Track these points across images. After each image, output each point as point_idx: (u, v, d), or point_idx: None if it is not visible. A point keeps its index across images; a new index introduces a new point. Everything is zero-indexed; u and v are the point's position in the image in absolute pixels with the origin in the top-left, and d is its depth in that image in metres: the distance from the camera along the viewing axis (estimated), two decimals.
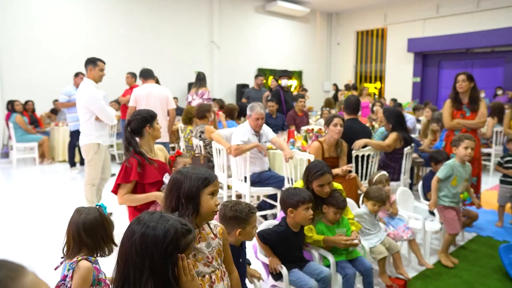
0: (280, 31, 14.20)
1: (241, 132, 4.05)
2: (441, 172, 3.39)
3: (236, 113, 5.97)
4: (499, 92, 10.60)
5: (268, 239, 2.49)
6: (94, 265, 1.75)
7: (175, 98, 10.53)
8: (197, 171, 1.65)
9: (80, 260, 1.71)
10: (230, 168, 4.37)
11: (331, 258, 2.60)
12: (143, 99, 5.10)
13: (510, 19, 11.12)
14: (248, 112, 4.16)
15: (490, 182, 6.32)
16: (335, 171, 3.63)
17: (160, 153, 3.01)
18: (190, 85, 11.33)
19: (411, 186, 5.13)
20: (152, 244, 1.20)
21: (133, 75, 7.02)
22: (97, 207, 1.93)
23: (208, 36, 12.21)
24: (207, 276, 1.64)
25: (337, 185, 2.80)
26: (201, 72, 6.50)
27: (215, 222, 1.79)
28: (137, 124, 2.83)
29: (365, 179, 4.08)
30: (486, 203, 5.11)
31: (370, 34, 15.43)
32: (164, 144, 4.39)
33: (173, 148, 7.40)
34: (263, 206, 4.38)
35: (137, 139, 2.85)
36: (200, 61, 12.01)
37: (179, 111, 7.82)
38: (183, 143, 5.57)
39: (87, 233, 1.78)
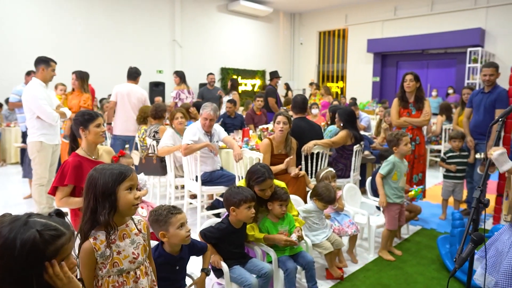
0: (243, 30, 14.24)
1: (192, 131, 4.06)
2: (383, 168, 3.52)
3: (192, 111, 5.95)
4: (450, 91, 11.09)
5: (210, 236, 2.51)
6: None
7: None
8: (112, 167, 1.63)
9: None
10: (182, 167, 4.36)
11: (273, 254, 2.65)
12: (124, 96, 5.54)
13: (461, 22, 11.66)
14: (200, 111, 4.18)
15: (439, 177, 6.61)
16: (280, 166, 3.72)
17: (105, 155, 2.97)
18: (152, 85, 11.23)
19: (363, 183, 5.28)
20: (9, 258, 1.11)
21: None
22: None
23: (170, 35, 12.08)
24: (131, 272, 1.65)
25: (279, 183, 2.86)
26: (180, 70, 6.99)
27: (139, 217, 1.79)
28: (74, 125, 2.79)
29: (315, 176, 4.18)
30: (434, 197, 5.36)
31: (332, 35, 15.75)
32: None
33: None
34: (216, 205, 4.40)
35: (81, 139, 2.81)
36: (162, 60, 11.87)
37: None
38: (138, 143, 5.49)
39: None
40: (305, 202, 3.45)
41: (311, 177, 4.20)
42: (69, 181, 2.60)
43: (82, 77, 5.24)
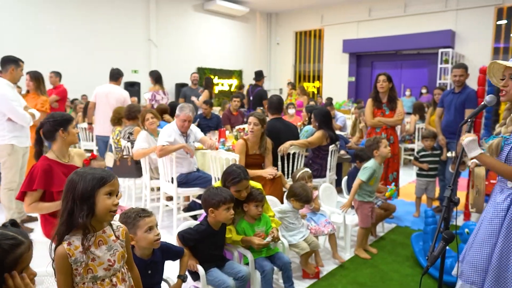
0: (220, 30, 14.18)
1: (167, 132, 4.00)
2: (364, 175, 3.52)
3: (168, 113, 5.88)
4: (424, 91, 11.36)
5: (188, 239, 2.48)
6: None
7: None
8: (93, 171, 1.60)
9: None
10: (158, 169, 4.30)
11: (249, 256, 2.64)
12: (103, 97, 5.63)
13: (433, 24, 11.96)
14: (177, 112, 4.12)
15: (413, 175, 6.74)
16: (261, 173, 3.72)
17: (77, 158, 2.90)
18: (127, 85, 11.02)
19: (339, 182, 5.33)
20: None
21: (57, 74, 6.63)
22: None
23: (145, 34, 11.90)
24: (107, 279, 1.61)
25: (255, 184, 2.85)
26: (156, 70, 6.92)
27: (118, 223, 1.75)
28: (49, 128, 2.70)
29: (292, 176, 4.20)
30: (408, 195, 5.46)
31: (308, 35, 15.87)
32: None
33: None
34: (193, 206, 4.36)
35: (50, 143, 2.73)
36: (137, 60, 11.68)
37: None
38: (113, 144, 5.38)
39: None
40: (282, 202, 3.45)
41: (288, 178, 4.21)
42: (38, 186, 2.52)
43: (37, 78, 4.83)
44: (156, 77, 6.87)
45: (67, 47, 9.97)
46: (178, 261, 2.31)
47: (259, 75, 7.89)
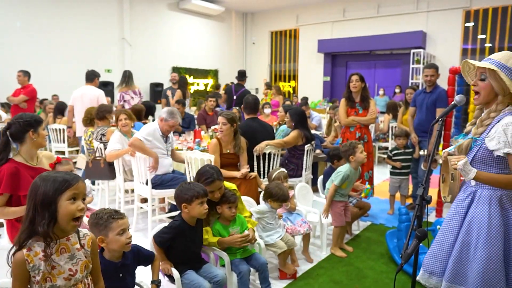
0: (195, 29, 14.05)
1: (149, 130, 3.96)
2: (337, 179, 3.55)
3: (143, 114, 5.77)
4: (397, 90, 11.61)
5: (164, 239, 2.43)
6: None
7: None
8: (56, 174, 1.52)
9: None
10: (132, 171, 4.22)
11: (225, 258, 2.61)
12: (77, 100, 5.74)
13: (405, 25, 12.22)
14: (165, 115, 4.00)
15: (387, 173, 6.84)
16: (235, 174, 3.71)
17: (45, 161, 2.79)
18: (100, 84, 10.69)
19: (315, 181, 5.37)
20: None
21: (25, 73, 6.41)
22: None
23: (119, 33, 11.66)
24: None
25: (229, 185, 2.83)
26: (127, 70, 6.83)
27: (85, 231, 1.68)
28: (19, 129, 2.59)
29: (267, 176, 4.19)
30: (382, 193, 5.55)
31: (283, 35, 15.95)
32: None
33: (77, 152, 6.94)
34: (173, 209, 4.30)
35: (18, 145, 2.61)
36: (110, 59, 11.43)
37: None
38: (85, 146, 5.24)
39: None
40: (258, 203, 3.44)
41: (263, 178, 4.21)
42: (4, 190, 2.42)
43: None
44: (124, 77, 6.70)
45: (36, 45, 9.65)
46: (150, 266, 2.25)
47: (242, 75, 7.83)
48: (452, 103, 2.14)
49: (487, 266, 1.94)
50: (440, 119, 2.13)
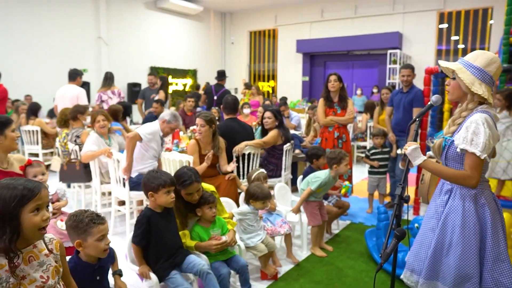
0: (173, 29, 13.90)
1: (151, 129, 3.91)
2: (314, 184, 3.55)
3: (120, 114, 5.64)
4: (375, 90, 11.78)
5: (139, 235, 2.39)
6: None
7: None
8: (15, 184, 1.41)
9: None
10: (108, 173, 4.12)
11: (205, 262, 2.58)
12: (59, 99, 5.81)
13: (382, 26, 12.42)
14: (168, 117, 3.95)
15: (365, 172, 6.93)
16: (205, 166, 3.71)
17: (16, 164, 2.69)
18: None
19: (294, 181, 5.38)
20: None
21: None
22: None
23: (95, 32, 11.41)
24: None
25: (208, 187, 2.79)
26: (109, 71, 6.92)
27: (50, 235, 1.61)
28: None
29: (247, 177, 4.17)
30: (361, 192, 5.61)
31: (262, 34, 15.96)
32: None
33: (51, 154, 6.75)
34: None
35: None
36: (86, 59, 11.16)
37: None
38: (60, 148, 5.10)
39: None
40: (237, 204, 3.41)
41: (243, 178, 4.18)
42: None
43: None
44: (104, 78, 6.80)
45: (10, 45, 9.32)
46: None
47: (221, 75, 7.76)
48: (429, 103, 2.17)
49: (461, 262, 1.99)
50: (417, 119, 2.16)
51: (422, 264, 2.13)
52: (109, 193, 4.49)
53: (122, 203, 4.33)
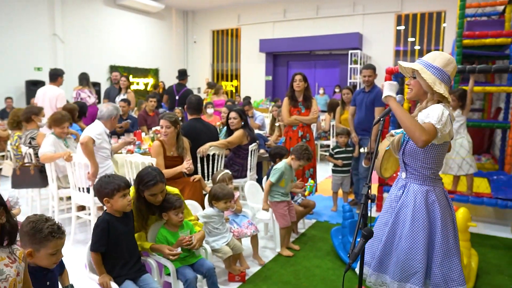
0: (134, 26, 13.54)
1: (98, 131, 3.76)
2: (273, 176, 3.58)
3: (76, 114, 5.38)
4: (337, 90, 11.99)
5: (98, 242, 2.28)
6: None
7: (9, 98, 9.15)
8: None
9: None
10: (67, 178, 3.93)
11: (170, 266, 2.50)
12: (39, 100, 5.77)
13: (343, 27, 12.68)
14: (116, 112, 3.92)
15: (329, 171, 7.04)
16: (178, 168, 3.61)
17: None
18: (29, 84, 10.01)
19: (260, 181, 5.36)
20: None
21: None
22: None
23: (50, 28, 10.90)
24: None
25: (172, 190, 2.71)
26: (84, 72, 6.93)
27: (15, 246, 1.50)
28: None
29: (212, 179, 4.11)
30: (325, 191, 5.68)
31: (225, 34, 15.87)
32: None
33: (3, 157, 6.37)
34: None
35: None
36: (40, 57, 10.66)
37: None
38: (12, 151, 4.80)
39: None
40: (203, 206, 3.35)
41: (208, 180, 4.12)
42: None
43: None
44: (80, 78, 6.82)
45: None
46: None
47: (183, 74, 7.58)
48: None
49: (408, 256, 2.06)
50: (381, 119, 2.18)
51: (373, 256, 2.20)
52: (68, 198, 4.28)
53: (81, 208, 4.14)
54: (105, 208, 2.40)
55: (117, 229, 2.33)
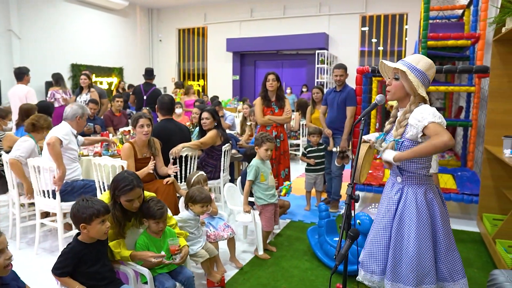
0: (96, 24, 13.08)
1: (65, 131, 3.60)
2: (249, 174, 3.54)
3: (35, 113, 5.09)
4: (304, 89, 12.11)
5: (62, 268, 2.11)
6: None
7: None
8: None
9: None
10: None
11: (147, 275, 2.38)
12: (11, 100, 5.88)
13: (309, 27, 12.83)
14: (81, 111, 3.73)
15: (300, 170, 7.09)
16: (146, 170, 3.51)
17: None
18: None
19: (232, 182, 5.30)
20: None
21: None
22: None
23: (4, 24, 10.32)
24: None
25: (148, 194, 2.59)
26: (56, 72, 6.92)
27: None
28: None
29: (186, 180, 4.00)
30: (297, 190, 5.68)
31: (191, 32, 15.65)
32: None
33: None
34: None
35: None
36: None
37: None
38: None
39: None
40: (175, 210, 3.24)
41: (181, 182, 4.01)
42: None
43: None
44: (56, 79, 6.78)
45: None
46: None
47: (150, 73, 7.35)
48: (373, 102, 2.20)
49: (419, 259, 2.03)
50: (362, 119, 2.17)
51: (381, 264, 2.13)
52: (30, 205, 4.03)
53: (44, 215, 3.91)
54: (76, 232, 2.21)
55: (86, 258, 2.16)
